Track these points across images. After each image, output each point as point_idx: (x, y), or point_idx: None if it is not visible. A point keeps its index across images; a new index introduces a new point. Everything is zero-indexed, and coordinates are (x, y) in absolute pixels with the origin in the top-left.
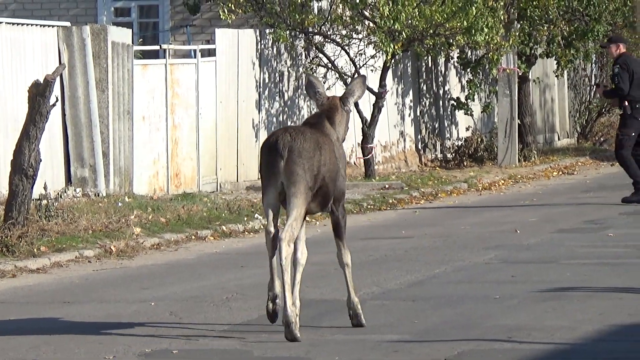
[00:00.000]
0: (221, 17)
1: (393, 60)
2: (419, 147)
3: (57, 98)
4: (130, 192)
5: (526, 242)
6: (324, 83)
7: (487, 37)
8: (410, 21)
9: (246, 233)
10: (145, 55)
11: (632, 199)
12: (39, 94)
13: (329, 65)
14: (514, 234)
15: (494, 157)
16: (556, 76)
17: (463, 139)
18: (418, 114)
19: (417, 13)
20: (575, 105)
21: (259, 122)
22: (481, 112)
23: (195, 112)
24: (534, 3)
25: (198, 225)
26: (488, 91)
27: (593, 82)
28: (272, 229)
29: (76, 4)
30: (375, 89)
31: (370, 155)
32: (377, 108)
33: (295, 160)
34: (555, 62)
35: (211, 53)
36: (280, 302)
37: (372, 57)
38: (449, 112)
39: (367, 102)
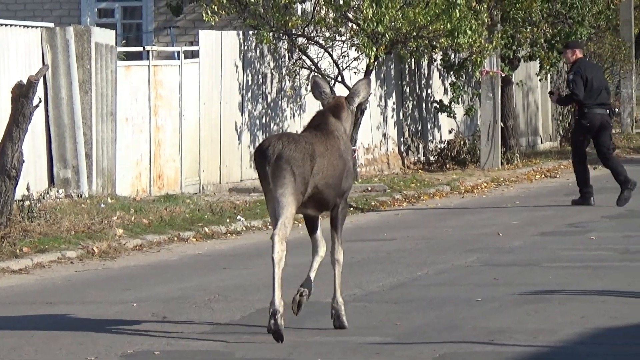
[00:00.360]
0: (204, 19)
1: (376, 63)
2: (402, 150)
3: (40, 99)
4: (112, 193)
5: (508, 244)
6: (307, 85)
7: (470, 39)
8: (393, 23)
9: (228, 235)
10: (129, 56)
11: (579, 201)
12: (22, 95)
13: (312, 67)
14: (496, 237)
15: (477, 160)
16: (539, 79)
17: (446, 142)
18: (401, 116)
19: (401, 15)
20: (558, 108)
21: (242, 124)
22: (464, 114)
23: (178, 113)
24: (517, 5)
25: (180, 227)
26: (471, 94)
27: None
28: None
29: (60, 5)
30: None
31: (352, 157)
32: (359, 110)
33: (282, 166)
34: (538, 65)
35: (194, 55)
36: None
37: (356, 59)
38: (432, 115)
39: None
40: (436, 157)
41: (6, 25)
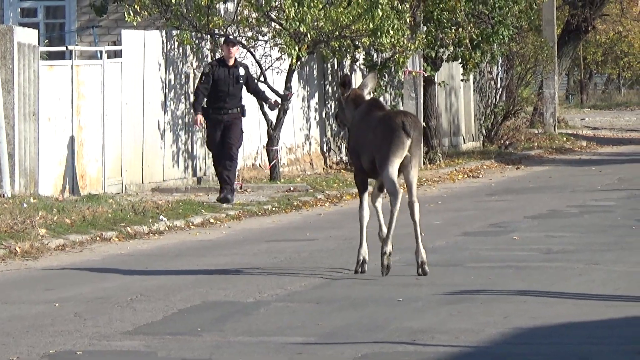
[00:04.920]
0: (126, 19)
1: (299, 63)
2: (324, 150)
3: None
4: (35, 193)
5: (431, 244)
6: None
7: (392, 39)
8: (315, 23)
9: (151, 234)
10: (52, 56)
11: None
12: None
13: None
14: None
15: None
16: (461, 80)
17: None
18: (323, 116)
19: (323, 15)
20: (480, 108)
21: (165, 123)
22: None
23: (101, 113)
24: (441, 6)
25: (103, 227)
26: (394, 94)
27: (499, 85)
28: (402, 193)
29: None
30: (281, 91)
31: (275, 158)
32: (282, 110)
33: (418, 139)
34: (461, 66)
35: (117, 54)
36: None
37: (278, 59)
38: None
39: None
40: None
41: None
